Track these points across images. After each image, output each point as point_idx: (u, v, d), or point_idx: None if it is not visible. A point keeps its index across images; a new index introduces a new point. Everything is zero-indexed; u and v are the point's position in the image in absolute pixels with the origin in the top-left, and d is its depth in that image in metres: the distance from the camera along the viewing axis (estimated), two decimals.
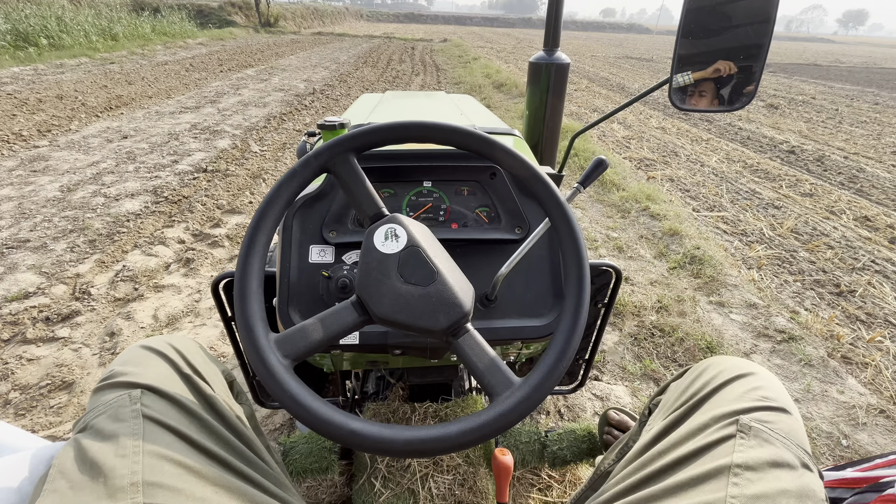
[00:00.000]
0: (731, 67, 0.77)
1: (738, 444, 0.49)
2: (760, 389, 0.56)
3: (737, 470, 0.46)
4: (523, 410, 0.46)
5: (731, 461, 0.47)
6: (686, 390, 0.62)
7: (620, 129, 5.53)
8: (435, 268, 0.51)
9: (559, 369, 0.48)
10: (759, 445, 0.49)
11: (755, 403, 0.53)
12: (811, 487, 0.46)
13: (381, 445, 0.45)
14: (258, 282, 0.52)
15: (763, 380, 0.58)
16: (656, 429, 0.59)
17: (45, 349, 1.69)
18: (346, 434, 0.45)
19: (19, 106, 4.86)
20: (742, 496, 0.45)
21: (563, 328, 0.50)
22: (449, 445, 0.45)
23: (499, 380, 0.49)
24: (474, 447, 0.84)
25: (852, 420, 1.52)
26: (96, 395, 0.56)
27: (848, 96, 9.07)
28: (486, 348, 0.51)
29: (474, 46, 16.62)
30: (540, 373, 0.48)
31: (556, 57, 0.98)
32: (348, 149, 0.57)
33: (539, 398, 0.47)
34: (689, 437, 0.53)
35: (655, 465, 0.52)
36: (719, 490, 0.46)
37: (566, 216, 0.56)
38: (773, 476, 0.46)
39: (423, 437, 0.45)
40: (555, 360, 0.49)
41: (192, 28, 14.64)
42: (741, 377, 0.58)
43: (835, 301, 2.24)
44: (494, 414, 0.46)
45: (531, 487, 1.11)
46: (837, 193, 3.66)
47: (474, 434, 0.45)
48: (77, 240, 2.41)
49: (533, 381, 0.48)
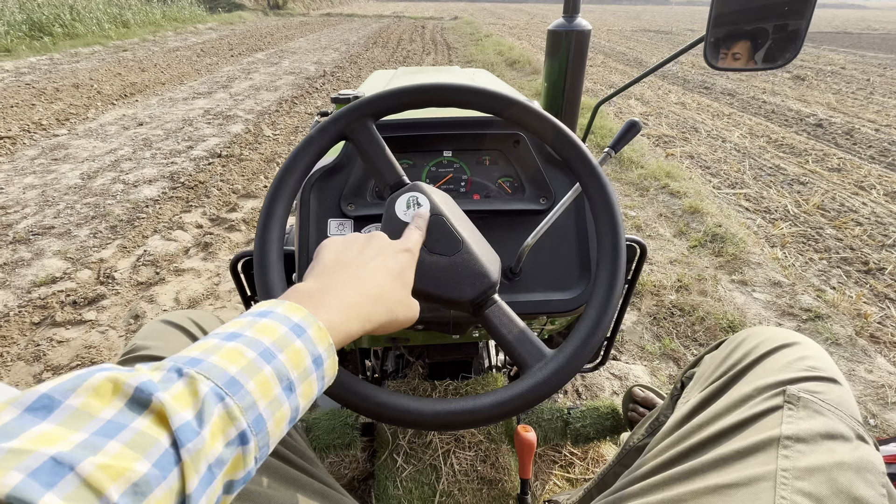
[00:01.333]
0: (771, 24, 0.72)
1: (787, 415, 0.46)
2: (807, 359, 0.52)
3: (786, 442, 0.44)
4: (557, 382, 0.45)
5: (779, 433, 0.45)
6: (724, 361, 0.58)
7: (638, 105, 5.36)
8: (460, 237, 0.50)
9: (593, 341, 0.46)
10: (809, 417, 0.46)
11: (802, 373, 0.50)
12: (870, 460, 0.43)
13: (410, 417, 0.44)
14: (278, 253, 0.50)
15: (808, 349, 0.55)
16: (693, 401, 0.56)
17: (74, 332, 1.74)
18: (374, 406, 0.44)
19: (38, 95, 4.93)
20: (794, 469, 0.42)
21: (598, 299, 0.48)
22: (482, 417, 0.44)
23: (530, 351, 0.47)
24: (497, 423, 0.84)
25: (881, 399, 1.49)
26: None
27: (881, 65, 8.62)
28: (516, 319, 0.49)
29: (486, 23, 16.22)
30: (574, 344, 0.46)
31: (577, 23, 0.93)
32: (366, 114, 0.55)
33: (572, 370, 0.45)
34: (731, 409, 0.50)
35: (695, 437, 0.50)
36: (768, 463, 0.43)
37: (600, 181, 0.52)
38: (827, 448, 0.43)
39: (454, 409, 0.44)
40: (589, 331, 0.46)
41: (202, 13, 14.57)
42: (785, 346, 0.55)
43: (862, 279, 2.17)
44: (527, 385, 0.44)
45: (553, 464, 1.11)
46: (867, 168, 3.51)
47: (507, 406, 0.44)
48: (99, 226, 2.46)
49: (567, 352, 0.46)
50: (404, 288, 0.44)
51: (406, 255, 0.46)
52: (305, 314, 0.34)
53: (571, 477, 1.09)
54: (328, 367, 0.34)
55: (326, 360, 0.34)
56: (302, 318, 0.34)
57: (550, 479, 1.06)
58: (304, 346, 0.32)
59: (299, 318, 0.34)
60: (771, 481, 0.42)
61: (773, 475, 0.42)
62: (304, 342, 0.32)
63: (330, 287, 0.39)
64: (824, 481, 0.41)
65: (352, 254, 0.44)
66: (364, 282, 0.41)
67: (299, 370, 0.31)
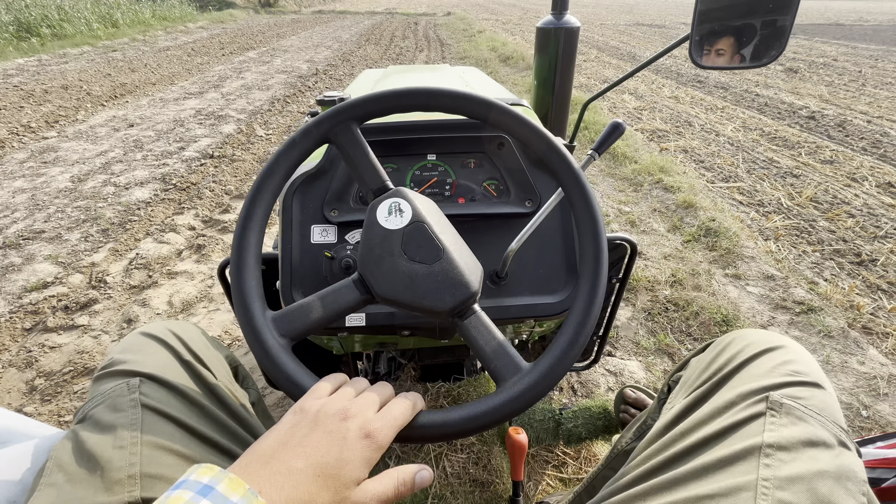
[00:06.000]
0: (758, 20, 0.71)
1: (769, 422, 0.46)
2: (791, 363, 0.52)
3: (768, 450, 0.43)
4: (531, 397, 0.44)
5: (761, 441, 0.44)
6: (710, 365, 0.58)
7: (632, 99, 5.36)
8: (441, 245, 0.49)
9: (571, 354, 0.46)
10: (791, 423, 0.45)
11: (786, 378, 0.50)
12: (850, 468, 0.43)
13: None
14: (255, 258, 0.50)
15: (793, 353, 0.54)
16: (678, 407, 0.56)
17: (66, 337, 1.73)
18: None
19: (26, 97, 4.88)
20: (775, 478, 0.41)
21: (577, 310, 0.47)
22: (452, 431, 0.44)
23: (506, 364, 0.46)
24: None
25: (873, 391, 1.50)
26: (95, 384, 0.55)
27: (872, 57, 8.64)
28: (494, 331, 0.48)
29: (479, 18, 16.14)
30: (550, 357, 0.45)
31: (566, 21, 0.93)
32: (351, 117, 0.54)
33: (549, 385, 0.44)
34: (714, 416, 0.50)
35: (678, 445, 0.50)
36: (749, 472, 0.42)
37: (581, 186, 0.52)
38: (809, 456, 0.43)
39: (422, 422, 0.43)
40: (567, 344, 0.46)
41: (192, 11, 14.42)
42: (769, 351, 0.55)
43: (855, 271, 2.18)
44: (500, 400, 0.44)
45: (545, 464, 1.11)
46: (860, 160, 3.52)
47: (478, 421, 0.43)
48: (90, 229, 2.44)
49: (542, 367, 0.45)
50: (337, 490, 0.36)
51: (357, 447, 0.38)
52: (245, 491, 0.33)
53: (564, 477, 1.09)
54: None
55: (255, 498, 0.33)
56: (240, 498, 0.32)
57: (543, 479, 1.06)
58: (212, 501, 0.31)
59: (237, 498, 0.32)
60: (751, 491, 0.41)
61: (753, 485, 0.42)
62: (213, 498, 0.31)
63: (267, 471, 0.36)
64: (804, 490, 0.40)
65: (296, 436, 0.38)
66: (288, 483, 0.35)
67: None
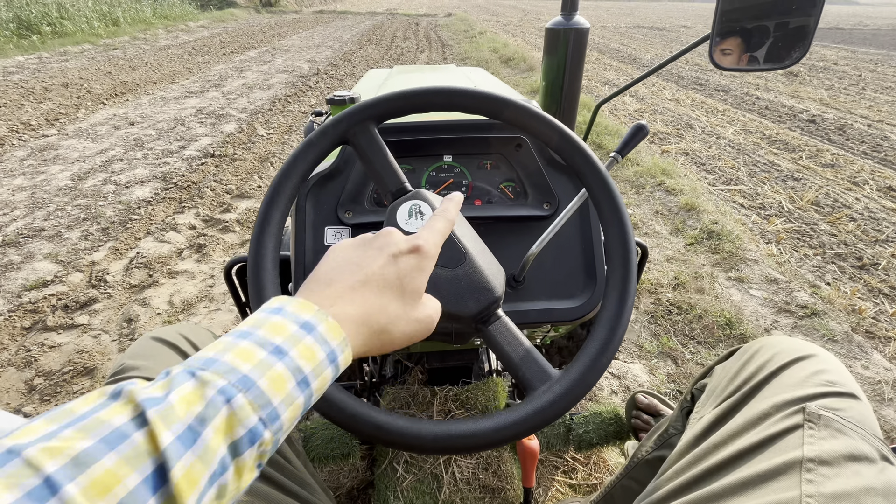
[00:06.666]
0: (779, 21, 0.71)
1: (808, 434, 0.44)
2: (824, 373, 0.50)
3: (809, 465, 0.42)
4: (562, 407, 0.42)
5: (801, 455, 0.43)
6: (738, 374, 0.56)
7: (633, 101, 5.36)
8: (464, 248, 0.48)
9: (604, 360, 0.44)
10: (831, 437, 0.44)
11: (821, 389, 0.48)
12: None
13: (406, 441, 0.42)
14: (273, 262, 0.48)
15: (825, 362, 0.53)
16: (708, 417, 0.54)
17: (66, 336, 1.72)
18: (370, 428, 0.42)
19: (26, 95, 4.86)
20: (820, 495, 0.40)
21: (607, 316, 0.46)
22: (481, 443, 0.42)
23: (535, 372, 0.45)
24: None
25: (878, 395, 1.49)
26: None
27: (872, 61, 8.67)
28: (521, 336, 0.47)
29: (480, 20, 16.16)
30: (581, 365, 0.44)
31: (575, 21, 0.92)
32: (369, 117, 0.53)
33: (580, 393, 0.43)
34: (748, 427, 0.48)
35: (713, 458, 0.48)
36: (792, 488, 0.41)
37: (609, 189, 0.50)
38: (853, 471, 0.41)
39: (452, 432, 0.42)
40: (598, 351, 0.44)
41: (193, 10, 14.40)
42: (801, 360, 0.53)
43: (857, 274, 2.18)
44: (531, 409, 0.42)
45: (555, 470, 1.10)
46: (860, 163, 3.53)
47: (508, 431, 0.42)
48: (90, 228, 2.43)
49: (574, 375, 0.43)
50: (403, 299, 0.39)
51: (410, 260, 0.40)
52: (315, 311, 0.35)
53: (574, 483, 1.08)
54: (343, 361, 0.35)
55: (341, 355, 0.35)
56: (312, 316, 0.34)
57: (553, 486, 1.05)
58: (315, 342, 0.33)
59: (309, 316, 0.34)
60: None
61: (797, 501, 0.40)
62: (315, 338, 0.33)
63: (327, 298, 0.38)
64: None
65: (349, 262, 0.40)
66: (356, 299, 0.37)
67: (313, 365, 0.32)
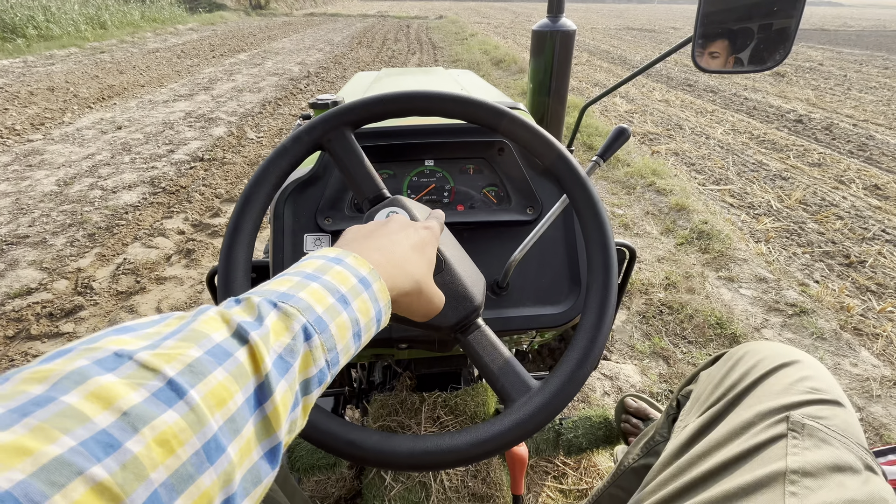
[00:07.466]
0: (761, 23, 0.71)
1: (791, 444, 0.44)
2: (808, 380, 0.50)
3: (793, 476, 0.41)
4: (543, 419, 0.41)
5: (785, 466, 0.42)
6: (722, 381, 0.56)
7: (623, 102, 5.40)
8: (442, 256, 0.47)
9: (584, 371, 0.43)
10: (815, 446, 0.43)
11: (805, 396, 0.48)
12: (881, 495, 0.41)
13: (380, 458, 0.41)
14: (244, 273, 0.47)
15: (809, 368, 0.52)
16: (692, 426, 0.54)
17: (50, 345, 1.68)
18: (343, 445, 0.41)
19: (10, 99, 4.78)
20: None
21: (587, 326, 0.45)
22: (458, 458, 0.41)
23: (514, 383, 0.44)
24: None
25: (866, 392, 1.51)
26: None
27: (857, 61, 8.82)
28: (500, 346, 0.46)
29: (471, 22, 16.21)
30: (562, 375, 0.43)
31: (562, 24, 0.92)
32: (344, 122, 0.52)
33: (561, 404, 0.42)
34: (732, 437, 0.48)
35: (697, 470, 0.48)
36: (776, 500, 0.41)
37: (589, 194, 0.49)
38: (836, 482, 0.41)
39: (428, 448, 0.41)
40: (579, 360, 0.43)
41: (182, 13, 14.30)
42: (785, 366, 0.52)
43: (844, 272, 2.20)
44: (509, 423, 0.41)
45: (545, 475, 1.10)
46: (846, 162, 3.58)
47: (487, 446, 0.41)
48: (76, 234, 2.39)
49: (553, 386, 0.42)
50: (427, 264, 0.43)
51: (427, 232, 0.44)
52: (370, 269, 0.36)
53: (564, 488, 1.07)
54: (383, 322, 0.37)
55: (383, 317, 0.36)
56: (368, 273, 0.36)
57: (543, 492, 1.04)
58: (370, 299, 0.34)
59: (366, 272, 0.36)
60: None
61: None
62: (370, 296, 0.35)
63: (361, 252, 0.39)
64: None
65: (372, 228, 0.43)
66: (386, 250, 0.40)
67: (366, 320, 0.34)
